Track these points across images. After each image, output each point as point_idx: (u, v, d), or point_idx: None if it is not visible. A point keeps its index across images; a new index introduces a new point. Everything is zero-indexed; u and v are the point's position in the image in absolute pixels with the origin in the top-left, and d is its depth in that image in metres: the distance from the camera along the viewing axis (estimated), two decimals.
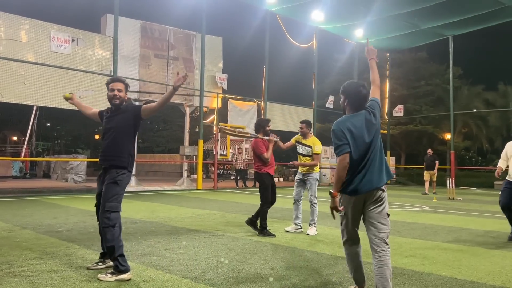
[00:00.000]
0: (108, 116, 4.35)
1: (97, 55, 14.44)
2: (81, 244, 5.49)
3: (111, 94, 4.30)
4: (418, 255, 5.23)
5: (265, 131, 6.70)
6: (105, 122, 4.37)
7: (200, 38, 17.47)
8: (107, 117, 4.36)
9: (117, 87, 4.28)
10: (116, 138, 4.24)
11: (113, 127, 4.27)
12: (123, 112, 4.29)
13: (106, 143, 4.26)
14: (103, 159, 4.29)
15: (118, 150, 4.22)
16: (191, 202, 11.70)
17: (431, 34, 22.84)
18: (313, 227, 6.71)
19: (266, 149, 6.56)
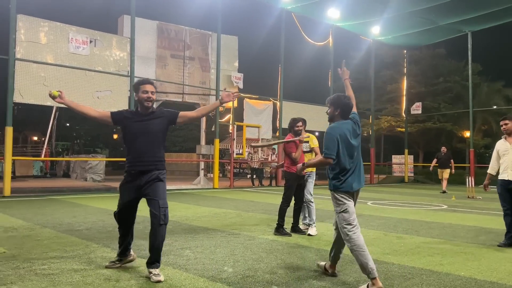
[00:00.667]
0: (140, 120, 4.13)
1: (114, 56, 14.62)
2: (100, 243, 5.58)
3: (144, 96, 4.12)
4: (436, 255, 5.17)
5: (294, 131, 6.66)
6: (135, 125, 4.12)
7: (215, 37, 17.54)
8: (138, 121, 4.13)
9: (150, 90, 4.14)
10: (154, 143, 4.12)
11: (151, 132, 4.11)
12: (159, 117, 4.16)
13: (143, 149, 4.08)
14: (142, 165, 4.07)
15: (158, 155, 4.15)
16: (208, 201, 11.77)
17: (450, 30, 22.48)
18: (313, 227, 6.63)
19: (296, 148, 6.54)
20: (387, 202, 12.11)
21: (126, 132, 4.18)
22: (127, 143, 4.19)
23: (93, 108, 4.37)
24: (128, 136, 4.17)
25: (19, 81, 12.46)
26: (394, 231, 6.97)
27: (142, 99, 4.12)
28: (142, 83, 4.20)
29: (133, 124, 4.15)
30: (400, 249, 5.49)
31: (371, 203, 11.73)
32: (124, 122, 4.18)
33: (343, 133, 3.98)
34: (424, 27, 21.72)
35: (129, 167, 4.15)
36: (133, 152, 4.13)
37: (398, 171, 26.32)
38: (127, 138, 4.18)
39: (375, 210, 10.12)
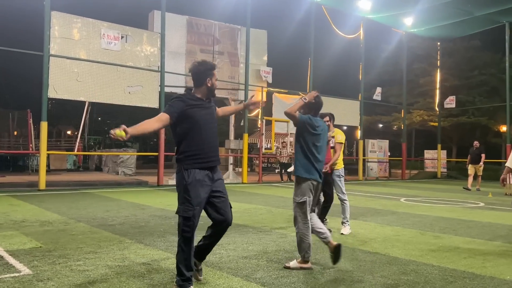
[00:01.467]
0: (206, 107, 3.71)
1: (145, 51, 14.73)
2: (133, 239, 5.60)
3: (216, 83, 3.80)
4: (478, 257, 4.95)
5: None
6: (203, 112, 3.64)
7: (244, 31, 17.45)
8: (205, 107, 3.69)
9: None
10: (216, 133, 3.83)
11: (215, 121, 3.82)
12: (213, 106, 3.85)
13: (212, 140, 3.70)
14: (214, 159, 3.69)
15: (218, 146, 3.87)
16: (238, 196, 11.74)
17: (486, 21, 21.67)
18: (347, 226, 6.39)
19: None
20: (421, 199, 11.80)
21: (190, 121, 3.58)
22: (190, 133, 3.58)
23: (150, 120, 3.58)
24: (193, 126, 3.58)
25: (53, 77, 12.71)
26: (430, 230, 6.74)
27: (214, 85, 3.73)
28: (214, 67, 3.77)
29: (200, 111, 3.64)
30: (439, 250, 5.29)
31: (404, 200, 11.44)
32: (188, 111, 3.57)
33: (319, 125, 4.57)
34: (459, 18, 21.01)
35: (199, 162, 3.57)
36: (201, 143, 3.59)
37: (431, 166, 25.69)
38: (192, 128, 3.58)
39: (410, 207, 9.86)
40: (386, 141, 24.79)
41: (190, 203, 3.48)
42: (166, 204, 9.33)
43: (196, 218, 3.51)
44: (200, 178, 3.54)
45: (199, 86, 3.69)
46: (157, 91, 14.68)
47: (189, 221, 3.47)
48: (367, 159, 22.56)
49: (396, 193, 13.60)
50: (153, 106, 14.63)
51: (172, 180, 15.43)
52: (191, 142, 3.58)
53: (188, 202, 3.48)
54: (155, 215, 7.78)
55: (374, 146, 23.40)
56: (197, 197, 3.51)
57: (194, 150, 3.57)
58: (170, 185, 14.63)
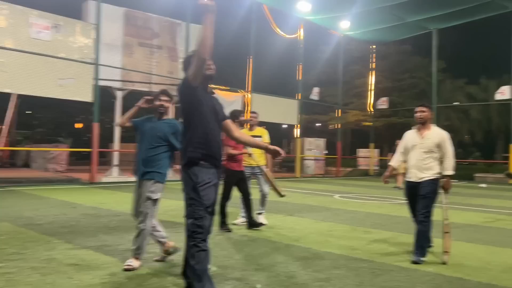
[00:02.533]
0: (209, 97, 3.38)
1: (78, 43, 14.08)
2: (62, 239, 5.34)
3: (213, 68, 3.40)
4: (404, 251, 5.20)
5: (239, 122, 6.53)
6: (209, 100, 3.31)
7: (185, 26, 17.21)
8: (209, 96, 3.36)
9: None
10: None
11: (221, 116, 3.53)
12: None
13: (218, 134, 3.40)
14: (220, 158, 3.38)
15: None
16: (177, 193, 11.47)
17: (416, 27, 22.93)
18: (262, 216, 6.74)
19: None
20: (354, 196, 12.25)
21: (199, 106, 3.19)
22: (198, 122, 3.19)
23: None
24: (203, 114, 3.19)
25: None
26: (362, 225, 7.02)
27: (205, 69, 3.24)
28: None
29: (206, 97, 3.26)
30: (369, 244, 5.52)
31: (338, 196, 11.83)
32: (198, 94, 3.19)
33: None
34: (392, 23, 22.06)
35: (211, 159, 3.21)
36: (209, 138, 3.20)
37: (364, 164, 26.77)
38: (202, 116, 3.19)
39: (343, 203, 10.21)
40: (323, 139, 25.53)
41: (205, 209, 3.13)
42: (99, 202, 8.98)
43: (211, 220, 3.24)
44: (212, 178, 3.26)
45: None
46: (91, 84, 14.09)
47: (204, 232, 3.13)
48: (304, 157, 23.09)
49: (331, 190, 14.03)
50: (87, 100, 14.04)
51: (106, 177, 14.92)
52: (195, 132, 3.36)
53: (206, 207, 3.13)
54: (86, 213, 7.48)
55: (311, 144, 24.02)
56: (210, 199, 3.22)
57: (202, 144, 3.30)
58: (103, 182, 14.13)
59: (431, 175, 4.81)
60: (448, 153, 4.83)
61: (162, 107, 4.40)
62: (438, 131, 4.95)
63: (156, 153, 4.27)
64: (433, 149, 4.84)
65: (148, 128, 4.33)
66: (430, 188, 4.77)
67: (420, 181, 4.83)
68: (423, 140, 4.90)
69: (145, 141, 4.30)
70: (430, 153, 4.84)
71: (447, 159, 4.82)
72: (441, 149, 4.84)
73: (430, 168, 4.82)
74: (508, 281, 4.00)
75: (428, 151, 4.85)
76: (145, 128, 4.35)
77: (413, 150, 4.95)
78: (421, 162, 4.85)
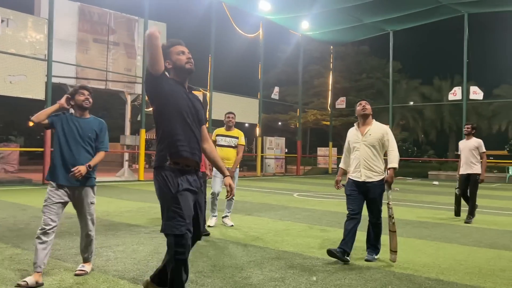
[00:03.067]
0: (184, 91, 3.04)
1: (30, 38, 13.54)
2: (9, 243, 5.11)
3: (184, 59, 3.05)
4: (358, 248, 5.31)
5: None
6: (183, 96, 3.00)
7: (142, 23, 16.88)
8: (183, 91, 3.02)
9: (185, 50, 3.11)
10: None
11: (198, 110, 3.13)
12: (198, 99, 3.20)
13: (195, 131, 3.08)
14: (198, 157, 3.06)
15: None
16: (132, 194, 11.33)
17: (373, 28, 23.52)
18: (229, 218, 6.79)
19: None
20: (312, 194, 12.41)
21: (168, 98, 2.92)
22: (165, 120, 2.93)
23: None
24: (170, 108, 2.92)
25: None
26: (318, 223, 7.12)
27: (182, 62, 3.00)
28: (174, 43, 3.06)
29: (178, 89, 2.97)
30: (324, 243, 5.60)
31: (297, 195, 11.95)
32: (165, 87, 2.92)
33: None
34: (350, 25, 22.52)
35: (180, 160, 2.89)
36: (179, 136, 2.91)
37: (323, 162, 27.20)
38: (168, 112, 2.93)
39: (301, 202, 10.32)
40: (283, 138, 25.75)
41: (180, 215, 2.79)
42: None
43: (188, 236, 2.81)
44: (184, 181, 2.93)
45: None
46: (44, 82, 13.58)
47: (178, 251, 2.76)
48: (265, 155, 23.20)
49: (290, 188, 14.17)
50: (39, 97, 13.52)
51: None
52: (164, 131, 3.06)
53: (180, 213, 2.79)
54: (37, 216, 7.18)
55: (272, 143, 24.16)
56: (186, 208, 2.86)
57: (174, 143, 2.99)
58: None
59: (378, 173, 4.71)
60: (392, 146, 4.71)
61: (87, 102, 3.96)
62: (380, 126, 4.85)
63: (87, 156, 3.91)
64: (377, 144, 4.72)
65: (73, 127, 3.88)
66: (379, 190, 4.72)
67: (368, 181, 4.70)
68: (366, 137, 4.76)
69: (72, 142, 3.86)
70: (375, 148, 4.72)
71: (391, 152, 4.70)
72: (384, 143, 4.73)
73: (376, 165, 4.71)
74: (455, 276, 4.16)
75: (372, 146, 4.72)
76: (68, 127, 3.86)
77: (357, 148, 4.81)
78: (368, 160, 4.71)
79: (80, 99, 3.94)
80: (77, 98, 3.95)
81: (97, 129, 4.03)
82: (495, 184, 19.79)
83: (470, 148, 7.77)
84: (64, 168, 3.84)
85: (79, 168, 3.78)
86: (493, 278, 4.12)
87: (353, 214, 4.77)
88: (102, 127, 4.07)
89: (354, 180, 4.79)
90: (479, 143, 7.78)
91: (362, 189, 4.74)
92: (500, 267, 4.55)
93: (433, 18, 22.31)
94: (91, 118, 4.07)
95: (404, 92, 34.50)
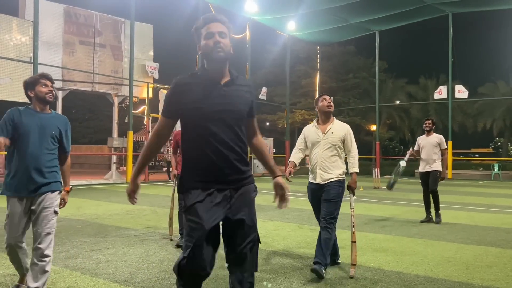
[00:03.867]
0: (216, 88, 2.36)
1: (15, 40, 13.40)
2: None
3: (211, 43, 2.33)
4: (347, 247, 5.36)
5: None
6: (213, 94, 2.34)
7: (129, 25, 16.79)
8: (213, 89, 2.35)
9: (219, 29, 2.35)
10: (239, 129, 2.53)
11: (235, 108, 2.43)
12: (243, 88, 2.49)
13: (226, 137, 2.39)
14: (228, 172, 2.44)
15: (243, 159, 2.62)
16: (121, 196, 11.27)
17: (359, 28, 23.71)
18: None
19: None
20: (301, 194, 12.46)
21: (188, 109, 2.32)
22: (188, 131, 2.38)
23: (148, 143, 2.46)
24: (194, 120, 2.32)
25: None
26: (308, 223, 7.17)
27: (209, 48, 2.32)
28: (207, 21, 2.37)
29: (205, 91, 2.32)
30: (313, 241, 5.63)
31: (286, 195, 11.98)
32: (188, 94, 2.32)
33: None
34: (336, 25, 22.68)
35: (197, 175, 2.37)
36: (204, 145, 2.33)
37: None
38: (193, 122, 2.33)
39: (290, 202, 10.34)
40: (271, 139, 25.80)
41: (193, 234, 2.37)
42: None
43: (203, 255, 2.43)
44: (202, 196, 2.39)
45: None
46: None
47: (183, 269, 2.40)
48: (253, 156, 23.19)
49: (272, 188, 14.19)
50: (24, 100, 13.35)
51: None
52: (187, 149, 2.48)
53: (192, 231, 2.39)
54: None
55: None
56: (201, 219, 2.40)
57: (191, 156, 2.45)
58: None
59: (336, 175, 4.25)
60: (353, 149, 4.33)
61: (50, 94, 3.35)
62: (342, 124, 4.40)
63: (52, 159, 3.29)
64: (339, 144, 4.28)
65: (34, 125, 3.23)
66: (335, 191, 4.22)
67: (324, 183, 4.26)
68: (327, 135, 4.28)
69: (32, 142, 3.21)
70: (335, 149, 4.27)
71: (353, 155, 4.33)
72: (347, 143, 4.31)
73: (335, 167, 4.27)
74: (443, 273, 4.23)
75: (332, 147, 4.26)
76: (27, 125, 3.21)
77: (316, 147, 4.34)
78: (326, 161, 4.27)
79: (42, 91, 3.31)
80: (38, 90, 3.32)
81: (62, 127, 3.39)
82: (480, 181, 20.08)
83: (431, 144, 7.51)
84: (25, 175, 3.18)
85: (65, 199, 3.40)
86: (480, 274, 4.20)
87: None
88: (67, 125, 3.47)
89: (311, 183, 4.43)
90: (441, 139, 7.57)
91: (319, 193, 4.32)
92: (487, 263, 4.64)
93: (418, 18, 22.58)
94: (54, 114, 3.44)
95: (391, 92, 34.85)
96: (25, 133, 3.18)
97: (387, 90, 34.19)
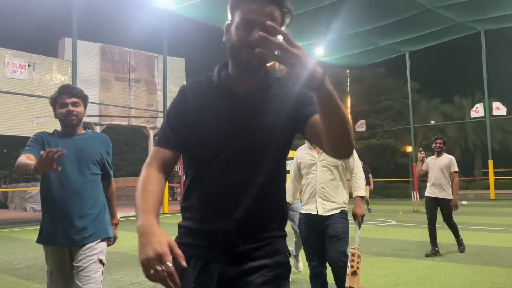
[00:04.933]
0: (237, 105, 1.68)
1: (55, 80, 14.03)
2: (42, 283, 5.17)
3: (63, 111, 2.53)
4: (391, 274, 5.21)
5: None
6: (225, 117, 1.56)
7: (162, 59, 17.32)
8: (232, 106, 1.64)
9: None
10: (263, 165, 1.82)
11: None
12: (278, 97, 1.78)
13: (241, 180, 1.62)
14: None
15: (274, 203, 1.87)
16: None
17: (389, 50, 23.59)
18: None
19: None
20: None
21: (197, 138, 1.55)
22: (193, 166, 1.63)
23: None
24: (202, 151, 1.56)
25: None
26: None
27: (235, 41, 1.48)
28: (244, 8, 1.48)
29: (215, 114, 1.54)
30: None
31: None
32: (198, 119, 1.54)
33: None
34: (365, 48, 22.64)
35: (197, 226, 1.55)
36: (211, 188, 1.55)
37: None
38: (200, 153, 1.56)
39: None
40: None
41: None
42: None
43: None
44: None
45: None
46: None
47: None
48: None
49: None
50: None
51: None
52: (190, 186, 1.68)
53: None
54: None
55: None
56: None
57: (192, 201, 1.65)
58: None
59: (341, 205, 3.63)
60: (357, 168, 3.68)
61: (71, 116, 2.64)
62: None
63: (96, 191, 2.66)
64: (339, 165, 3.62)
65: (68, 149, 2.42)
66: (343, 226, 3.57)
67: (327, 214, 3.56)
68: (323, 155, 3.58)
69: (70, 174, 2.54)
70: (336, 170, 3.63)
71: (357, 175, 3.68)
72: (349, 163, 3.65)
73: (338, 193, 3.63)
74: None
75: (331, 168, 3.61)
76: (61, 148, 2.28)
77: (312, 171, 3.65)
78: (327, 186, 3.60)
79: (61, 113, 2.66)
80: (58, 111, 2.71)
81: (102, 149, 2.75)
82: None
83: (441, 167, 6.61)
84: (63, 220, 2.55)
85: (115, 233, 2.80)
86: None
87: (315, 267, 3.63)
88: (109, 145, 2.82)
89: (307, 215, 3.65)
90: (451, 160, 6.67)
91: (320, 226, 3.57)
92: None
93: (448, 37, 22.27)
94: (90, 133, 2.80)
95: (425, 112, 34.21)
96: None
97: (421, 111, 33.59)
